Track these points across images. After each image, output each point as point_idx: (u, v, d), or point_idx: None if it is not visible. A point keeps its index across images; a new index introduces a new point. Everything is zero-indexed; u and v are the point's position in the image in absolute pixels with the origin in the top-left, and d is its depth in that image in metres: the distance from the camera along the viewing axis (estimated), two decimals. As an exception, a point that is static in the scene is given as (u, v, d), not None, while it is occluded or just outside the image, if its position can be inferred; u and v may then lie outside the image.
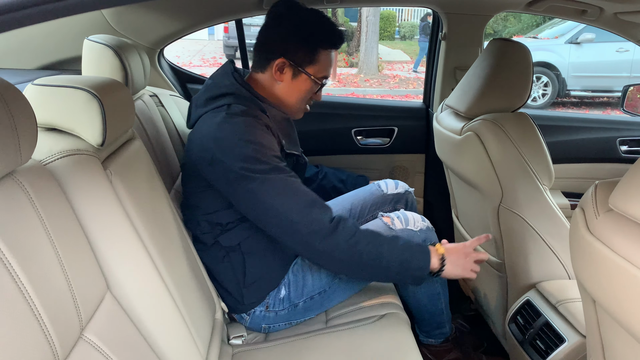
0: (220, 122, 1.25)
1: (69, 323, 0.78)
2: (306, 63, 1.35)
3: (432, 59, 2.21)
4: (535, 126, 1.41)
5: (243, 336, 1.41)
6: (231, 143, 1.22)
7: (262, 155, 1.22)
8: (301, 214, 1.21)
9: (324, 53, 1.36)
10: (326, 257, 1.24)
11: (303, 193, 1.24)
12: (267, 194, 1.20)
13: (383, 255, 1.25)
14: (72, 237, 0.86)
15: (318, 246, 1.22)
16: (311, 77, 1.36)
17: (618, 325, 0.77)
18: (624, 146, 2.21)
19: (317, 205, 1.24)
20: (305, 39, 1.33)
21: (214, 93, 1.34)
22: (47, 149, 0.92)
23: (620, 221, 0.72)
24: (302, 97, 1.40)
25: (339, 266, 1.27)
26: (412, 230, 1.43)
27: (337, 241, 1.21)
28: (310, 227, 1.21)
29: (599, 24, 1.90)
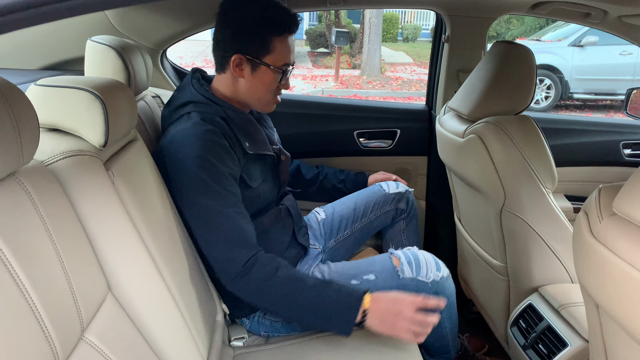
0: (176, 133, 1.27)
1: (69, 324, 0.78)
2: (262, 54, 1.32)
3: (435, 61, 2.20)
4: (538, 129, 1.41)
5: (244, 338, 1.41)
6: (185, 159, 1.23)
7: (213, 177, 1.22)
8: (221, 246, 1.22)
9: (278, 40, 1.31)
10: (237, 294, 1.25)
11: (233, 227, 1.22)
12: (205, 211, 1.23)
13: (297, 307, 1.21)
14: (74, 238, 0.86)
15: (228, 285, 1.23)
16: (270, 67, 1.33)
17: (621, 329, 0.76)
18: (628, 149, 2.20)
19: (241, 244, 1.22)
20: (254, 30, 1.30)
21: (175, 104, 1.36)
22: (49, 150, 0.92)
23: (624, 225, 0.71)
24: (266, 89, 1.37)
25: (255, 304, 1.29)
26: (422, 282, 1.35)
27: (247, 284, 1.21)
28: (224, 262, 1.22)
29: (602, 27, 1.89)
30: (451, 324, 1.51)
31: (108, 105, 0.97)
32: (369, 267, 1.41)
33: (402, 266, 1.37)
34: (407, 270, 1.36)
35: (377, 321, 1.19)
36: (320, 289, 1.22)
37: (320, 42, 13.16)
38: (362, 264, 1.44)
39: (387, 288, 1.33)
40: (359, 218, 1.73)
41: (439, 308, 1.22)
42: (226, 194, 1.24)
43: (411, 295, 1.22)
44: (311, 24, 15.23)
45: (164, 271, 1.05)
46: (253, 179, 1.37)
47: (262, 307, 1.28)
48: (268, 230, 1.41)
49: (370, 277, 1.38)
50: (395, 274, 1.36)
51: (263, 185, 1.42)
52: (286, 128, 2.12)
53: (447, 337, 1.53)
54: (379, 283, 1.36)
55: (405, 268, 1.37)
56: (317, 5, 1.76)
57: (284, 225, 1.47)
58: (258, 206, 1.41)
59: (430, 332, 1.30)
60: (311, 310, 1.21)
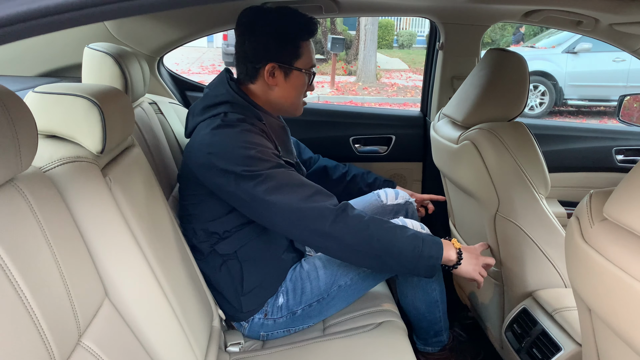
0: (215, 129, 1.26)
1: (67, 329, 0.78)
2: (294, 60, 1.38)
3: (429, 69, 2.22)
4: (531, 135, 1.42)
5: (240, 343, 1.41)
6: (228, 147, 1.22)
7: (263, 154, 1.23)
8: (307, 201, 1.20)
9: (304, 44, 1.38)
10: (336, 242, 1.21)
11: (306, 184, 1.24)
12: (270, 190, 1.19)
13: (395, 241, 1.22)
14: (71, 243, 0.87)
15: (328, 230, 1.19)
16: (302, 71, 1.40)
17: (613, 333, 0.77)
18: (620, 155, 2.22)
19: (322, 193, 1.24)
20: (285, 38, 1.35)
21: (211, 102, 1.35)
22: (47, 156, 0.93)
23: (615, 230, 0.72)
24: (299, 92, 1.43)
25: (350, 252, 1.23)
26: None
27: (346, 224, 1.19)
28: (317, 212, 1.19)
29: (594, 35, 1.92)
30: (440, 287, 1.56)
31: (105, 112, 0.98)
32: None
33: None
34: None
35: (467, 263, 1.31)
36: (404, 227, 1.27)
37: (316, 48, 13.16)
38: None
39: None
40: None
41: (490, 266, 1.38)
42: (284, 164, 1.26)
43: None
44: (307, 31, 15.26)
45: (161, 277, 1.05)
46: None
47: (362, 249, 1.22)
48: (267, 231, 1.41)
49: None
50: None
51: None
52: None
53: (437, 304, 1.56)
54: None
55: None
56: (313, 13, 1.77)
57: None
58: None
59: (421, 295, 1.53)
60: (404, 246, 1.23)
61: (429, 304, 1.56)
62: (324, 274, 1.42)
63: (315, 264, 1.45)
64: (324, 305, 1.43)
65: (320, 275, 1.42)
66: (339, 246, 1.22)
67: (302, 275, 1.43)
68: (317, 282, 1.42)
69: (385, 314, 1.46)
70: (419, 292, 1.54)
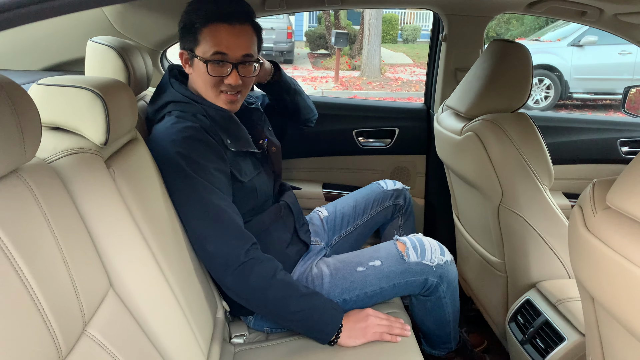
0: (157, 132, 1.30)
1: (72, 318, 0.79)
2: (193, 46, 1.32)
3: (432, 61, 2.22)
4: (535, 126, 1.42)
5: (245, 335, 1.42)
6: (164, 153, 1.25)
7: (191, 169, 1.23)
8: (215, 244, 1.21)
9: (205, 30, 1.29)
10: (232, 292, 1.25)
11: (221, 221, 1.22)
12: (188, 212, 1.23)
13: (288, 312, 1.24)
14: (76, 234, 0.87)
15: (227, 279, 1.22)
16: (198, 57, 1.30)
17: (617, 323, 0.77)
18: (625, 147, 2.21)
19: (235, 237, 1.22)
20: (184, 25, 1.32)
21: (157, 105, 1.37)
22: (51, 148, 0.93)
23: (618, 219, 0.72)
24: (203, 81, 1.34)
25: (247, 302, 1.26)
26: (427, 265, 1.39)
27: (245, 280, 1.21)
28: (221, 259, 1.21)
29: (599, 25, 1.90)
30: (454, 309, 1.52)
31: (109, 104, 0.98)
32: (374, 253, 1.43)
33: (408, 251, 1.40)
34: (413, 255, 1.39)
35: (348, 335, 1.28)
36: (311, 297, 1.27)
37: (320, 43, 13.18)
38: (367, 251, 1.45)
39: (393, 273, 1.37)
40: (360, 215, 1.76)
41: (404, 335, 1.32)
42: (212, 188, 1.24)
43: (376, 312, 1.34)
44: (311, 26, 15.25)
45: (165, 268, 1.06)
46: (244, 173, 1.36)
47: (254, 306, 1.27)
48: (269, 229, 1.42)
49: (376, 263, 1.40)
50: (400, 259, 1.39)
51: (257, 178, 1.42)
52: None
53: (449, 323, 1.54)
54: (385, 269, 1.38)
55: (411, 252, 1.39)
56: (315, 5, 1.77)
57: (285, 223, 1.48)
58: (256, 202, 1.41)
59: (433, 318, 1.45)
60: (299, 317, 1.25)
61: (440, 324, 1.55)
62: (329, 283, 1.40)
63: (322, 271, 1.43)
64: None
65: (325, 284, 1.40)
66: (235, 296, 1.26)
67: (309, 278, 1.42)
68: (320, 289, 1.40)
69: (390, 306, 1.46)
70: (431, 315, 1.52)
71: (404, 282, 1.39)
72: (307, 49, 13.67)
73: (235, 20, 1.29)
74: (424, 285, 1.41)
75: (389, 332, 1.30)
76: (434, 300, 1.46)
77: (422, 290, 1.42)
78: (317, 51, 13.30)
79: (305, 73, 10.84)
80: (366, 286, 1.39)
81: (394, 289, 1.40)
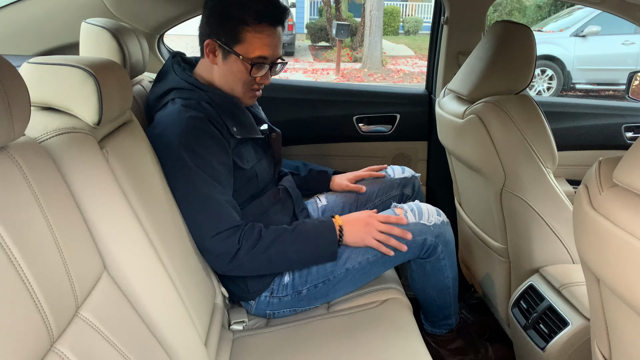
0: (159, 120, 1.28)
1: (64, 300, 0.77)
2: (233, 43, 1.28)
3: (434, 44, 2.18)
4: (538, 108, 1.39)
5: (244, 322, 1.41)
6: (166, 142, 1.24)
7: (192, 161, 1.22)
8: (212, 240, 1.24)
9: (251, 30, 1.27)
10: (241, 270, 1.29)
11: (217, 213, 1.24)
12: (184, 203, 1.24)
13: (291, 251, 1.29)
14: (67, 214, 0.85)
15: (226, 271, 1.28)
16: (240, 57, 1.29)
17: (622, 303, 0.75)
18: (630, 132, 2.18)
19: (225, 228, 1.24)
20: (224, 17, 1.27)
21: (158, 91, 1.35)
22: (42, 127, 0.91)
23: (625, 196, 0.70)
24: (237, 79, 1.33)
25: (255, 271, 1.31)
26: (425, 225, 1.41)
27: (240, 264, 1.25)
28: (218, 250, 1.24)
29: (604, 7, 1.87)
30: (453, 274, 1.52)
31: (102, 83, 0.96)
32: None
33: (406, 213, 1.42)
34: (411, 217, 1.41)
35: (350, 234, 1.34)
36: (298, 228, 1.31)
37: (321, 35, 13.12)
38: None
39: (393, 236, 1.37)
40: (363, 204, 1.71)
41: (401, 249, 1.36)
42: (213, 183, 1.24)
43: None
44: (312, 18, 15.19)
45: (161, 251, 1.04)
46: (246, 160, 1.36)
47: (265, 270, 1.32)
48: (268, 211, 1.41)
49: None
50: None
51: (258, 165, 1.41)
52: (285, 114, 2.11)
53: (449, 290, 1.54)
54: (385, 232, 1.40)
55: (409, 215, 1.42)
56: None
57: (284, 206, 1.47)
58: (256, 187, 1.41)
59: (433, 282, 1.47)
60: (301, 249, 1.30)
61: (440, 291, 1.54)
62: None
63: None
64: (330, 287, 1.41)
65: None
66: (241, 272, 1.32)
67: None
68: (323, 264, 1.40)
69: (390, 292, 1.45)
70: (431, 280, 1.51)
71: (404, 243, 1.39)
72: (308, 41, 13.61)
73: (281, 24, 1.31)
74: (423, 246, 1.42)
75: (387, 243, 1.35)
76: (433, 262, 1.46)
77: (421, 252, 1.43)
78: (318, 43, 13.24)
79: (307, 65, 10.80)
80: (368, 251, 1.39)
81: (395, 253, 1.39)
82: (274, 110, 1.65)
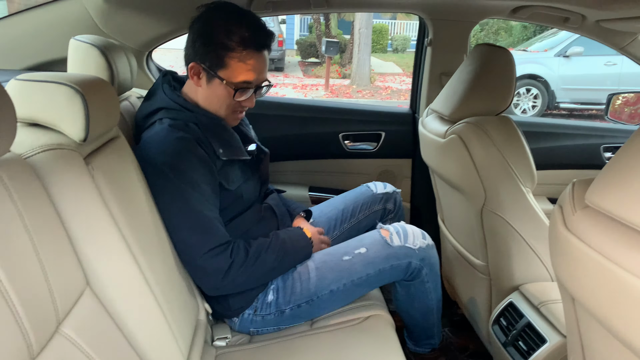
0: (148, 139, 1.28)
1: (45, 316, 0.77)
2: (217, 67, 1.28)
3: (418, 65, 2.23)
4: (517, 129, 1.43)
5: (227, 338, 1.40)
6: (153, 162, 1.24)
7: (179, 181, 1.23)
8: (204, 258, 1.25)
9: (235, 56, 1.27)
10: (231, 288, 1.32)
11: (207, 231, 1.26)
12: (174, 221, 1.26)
13: (274, 261, 1.35)
14: (51, 230, 0.86)
15: (220, 285, 1.29)
16: (224, 82, 1.29)
17: (597, 322, 0.77)
18: (608, 153, 2.23)
19: (217, 244, 1.26)
20: (209, 41, 1.27)
21: (147, 110, 1.35)
22: (28, 143, 0.92)
23: (597, 217, 0.72)
24: (222, 102, 1.34)
25: (245, 286, 1.35)
26: (410, 248, 1.42)
27: (234, 281, 1.28)
28: (210, 269, 1.26)
29: (582, 32, 1.93)
30: (437, 297, 1.54)
31: (89, 100, 0.97)
32: (359, 242, 1.46)
33: (392, 236, 1.44)
34: (396, 239, 1.43)
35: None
36: (275, 241, 1.37)
37: (310, 52, 13.23)
38: (352, 242, 1.48)
39: (379, 258, 1.40)
40: (347, 219, 1.73)
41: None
42: (202, 199, 1.25)
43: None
44: (302, 34, 15.30)
45: (145, 267, 1.04)
46: (232, 181, 1.37)
47: (253, 284, 1.36)
48: (250, 230, 1.41)
49: (361, 250, 1.43)
50: (385, 244, 1.42)
51: (245, 185, 1.42)
52: (272, 130, 2.13)
53: (433, 312, 1.55)
54: (370, 254, 1.42)
55: (395, 237, 1.43)
56: (301, 7, 1.78)
57: (267, 225, 1.47)
58: (241, 207, 1.41)
59: (417, 304, 1.51)
60: (283, 257, 1.37)
61: (424, 313, 1.56)
62: (316, 276, 1.41)
63: (308, 265, 1.43)
64: (314, 307, 1.42)
65: (312, 277, 1.41)
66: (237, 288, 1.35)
67: (294, 274, 1.42)
68: (307, 283, 1.40)
69: (372, 308, 1.46)
70: (415, 302, 1.53)
71: (389, 267, 1.41)
72: (298, 57, 13.71)
73: (266, 48, 1.31)
74: (408, 269, 1.43)
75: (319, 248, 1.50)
76: (417, 285, 1.48)
77: (406, 275, 1.45)
78: (307, 59, 13.34)
79: (296, 81, 10.86)
80: (353, 274, 1.40)
81: (380, 275, 1.41)
82: (261, 127, 1.67)
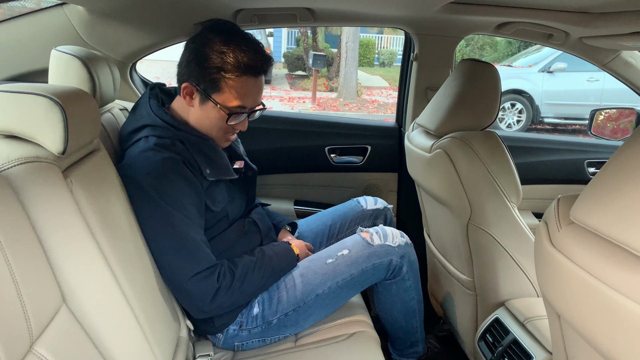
0: (133, 158, 1.24)
1: (17, 335, 0.75)
2: (211, 90, 1.26)
3: (404, 79, 2.24)
4: (502, 144, 1.43)
5: (210, 355, 1.37)
6: (139, 182, 1.21)
7: (164, 201, 1.21)
8: (191, 282, 1.22)
9: (231, 81, 1.24)
10: (218, 311, 1.30)
11: (194, 255, 1.23)
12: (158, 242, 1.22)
13: (260, 278, 1.34)
14: (26, 246, 0.83)
15: (207, 309, 1.26)
16: (217, 105, 1.27)
17: (582, 339, 0.76)
18: (592, 168, 2.25)
19: (204, 268, 1.23)
20: (204, 63, 1.23)
21: (132, 126, 1.32)
22: (4, 156, 0.89)
23: (581, 233, 0.72)
24: (214, 125, 1.31)
25: (232, 307, 1.33)
26: (390, 246, 1.46)
27: (221, 303, 1.27)
28: (198, 292, 1.23)
29: (565, 48, 1.95)
30: (418, 297, 1.57)
31: (68, 113, 0.95)
32: (342, 245, 1.48)
33: (372, 236, 1.48)
34: (377, 239, 1.47)
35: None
36: (262, 258, 1.37)
37: (298, 65, 13.28)
38: (335, 246, 1.50)
39: (361, 258, 1.44)
40: (334, 234, 1.71)
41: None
42: (188, 221, 1.22)
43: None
44: (289, 47, 15.38)
45: (123, 283, 1.02)
46: (217, 201, 1.35)
47: (240, 303, 1.34)
48: (232, 246, 1.39)
49: (344, 252, 1.45)
50: (366, 244, 1.46)
51: (230, 205, 1.40)
52: (258, 143, 2.11)
53: (415, 314, 1.58)
54: (353, 255, 1.44)
55: (375, 237, 1.47)
56: (287, 21, 1.78)
57: (251, 240, 1.45)
58: (225, 225, 1.40)
59: (399, 305, 1.56)
60: (269, 275, 1.37)
61: (407, 314, 1.57)
62: (301, 282, 1.40)
63: (292, 273, 1.43)
64: (301, 314, 1.40)
65: (297, 284, 1.40)
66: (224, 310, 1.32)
67: (279, 284, 1.41)
68: (293, 291, 1.39)
69: (358, 325, 1.44)
70: (397, 302, 1.54)
71: (371, 265, 1.44)
72: (285, 70, 13.74)
73: (263, 74, 1.29)
74: (389, 267, 1.47)
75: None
76: (398, 283, 1.51)
77: (388, 272, 1.48)
78: (295, 72, 13.38)
79: (283, 93, 10.88)
80: (337, 276, 1.41)
81: (363, 275, 1.44)
82: (248, 140, 1.65)
